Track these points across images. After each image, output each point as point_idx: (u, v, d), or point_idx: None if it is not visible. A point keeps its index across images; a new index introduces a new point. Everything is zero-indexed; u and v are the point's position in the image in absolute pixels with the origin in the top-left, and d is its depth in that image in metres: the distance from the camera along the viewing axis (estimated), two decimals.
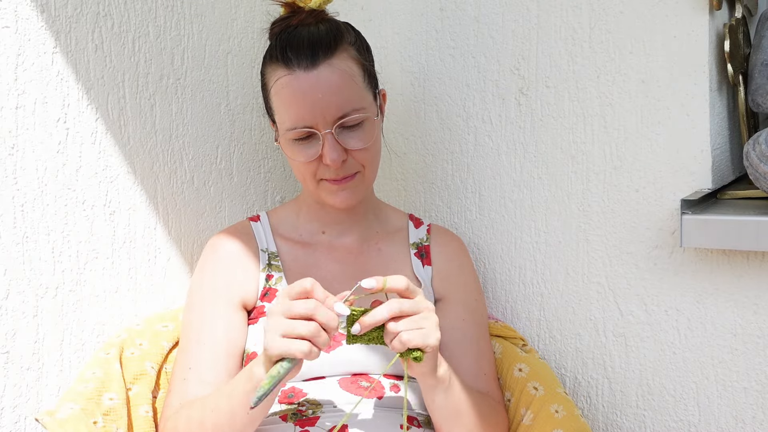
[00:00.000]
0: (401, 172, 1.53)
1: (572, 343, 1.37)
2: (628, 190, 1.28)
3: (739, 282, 1.21)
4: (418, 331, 0.97)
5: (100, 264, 1.23)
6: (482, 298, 1.31)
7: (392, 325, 0.97)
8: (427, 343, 0.97)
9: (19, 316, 1.11)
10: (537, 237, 1.38)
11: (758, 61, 1.24)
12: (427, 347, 0.98)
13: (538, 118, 1.36)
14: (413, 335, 0.96)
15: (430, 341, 0.98)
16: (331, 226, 1.28)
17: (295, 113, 1.14)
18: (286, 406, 1.14)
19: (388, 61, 1.51)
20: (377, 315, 0.97)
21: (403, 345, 0.96)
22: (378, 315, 0.97)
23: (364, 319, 0.97)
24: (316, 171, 1.17)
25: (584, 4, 1.29)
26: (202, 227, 1.41)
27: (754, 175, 1.14)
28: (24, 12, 1.11)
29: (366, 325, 0.97)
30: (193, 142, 1.39)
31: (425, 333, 0.97)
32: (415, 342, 0.96)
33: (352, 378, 1.15)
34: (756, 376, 1.21)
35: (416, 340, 0.96)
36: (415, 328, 0.97)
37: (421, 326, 0.97)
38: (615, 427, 1.34)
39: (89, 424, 1.07)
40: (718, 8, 1.20)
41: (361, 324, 0.97)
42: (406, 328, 0.97)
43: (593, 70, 1.30)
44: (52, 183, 1.16)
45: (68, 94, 1.18)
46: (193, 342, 1.18)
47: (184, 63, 1.37)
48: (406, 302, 0.98)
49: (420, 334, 0.97)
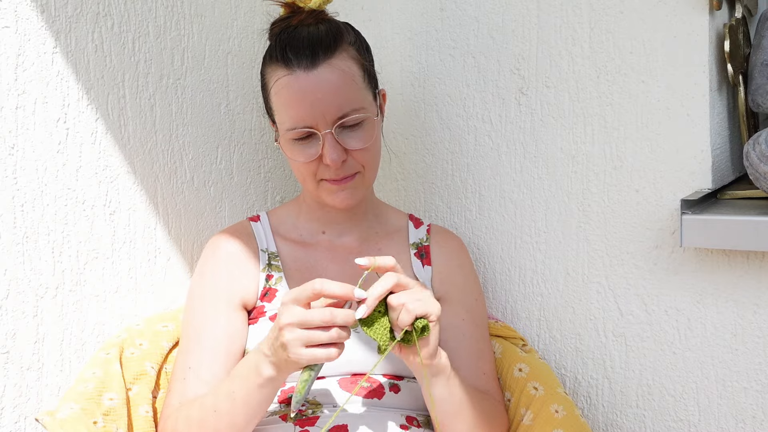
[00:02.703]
0: (401, 172, 1.53)
1: (572, 343, 1.37)
2: (628, 190, 1.28)
3: (739, 282, 1.21)
4: (420, 302, 0.98)
5: (100, 264, 1.23)
6: (482, 298, 1.31)
7: (394, 297, 0.98)
8: (430, 311, 0.98)
9: (19, 316, 1.11)
10: (537, 237, 1.38)
11: (758, 61, 1.24)
12: (431, 315, 0.99)
13: (538, 118, 1.36)
14: (417, 305, 0.97)
15: (433, 309, 0.99)
16: (331, 226, 1.28)
17: (295, 113, 1.14)
18: (286, 405, 1.14)
19: (388, 61, 1.51)
20: (378, 288, 0.98)
21: (410, 314, 0.97)
22: (380, 287, 0.98)
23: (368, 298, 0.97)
24: (316, 171, 1.17)
25: (584, 4, 1.29)
26: (202, 227, 1.41)
27: (754, 175, 1.14)
28: (24, 12, 1.11)
29: (371, 302, 0.97)
30: (193, 142, 1.39)
31: (425, 302, 0.98)
32: (420, 309, 0.97)
33: (352, 378, 1.15)
34: (756, 376, 1.21)
35: (421, 308, 0.97)
36: (416, 299, 0.98)
37: (419, 297, 0.98)
38: (615, 427, 1.34)
39: (89, 424, 1.07)
40: (718, 8, 1.20)
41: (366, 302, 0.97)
42: (408, 298, 0.98)
43: (593, 70, 1.30)
44: (52, 183, 1.16)
45: (68, 94, 1.18)
46: (193, 342, 1.18)
47: (184, 63, 1.37)
48: (402, 276, 0.99)
49: (422, 304, 0.98)
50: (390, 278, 0.98)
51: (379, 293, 0.98)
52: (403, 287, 0.99)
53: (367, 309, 0.97)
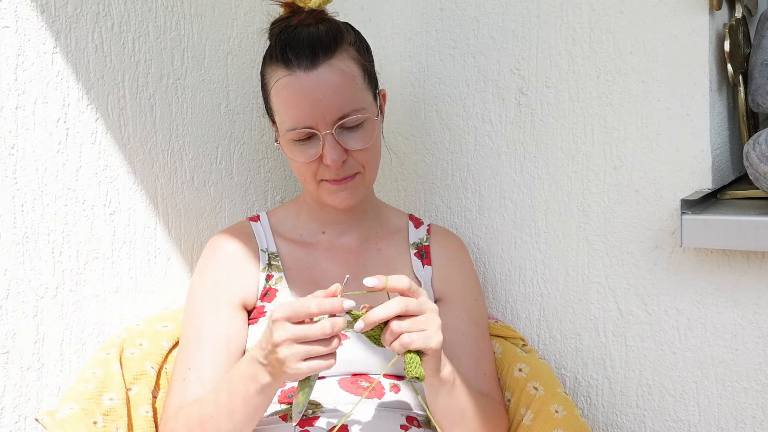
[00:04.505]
0: (401, 172, 1.53)
1: (572, 343, 1.37)
2: (628, 190, 1.28)
3: (739, 282, 1.21)
4: (420, 333, 0.96)
5: (100, 264, 1.23)
6: (482, 298, 1.31)
7: (396, 324, 0.95)
8: (429, 346, 0.96)
9: (19, 316, 1.11)
10: (537, 237, 1.38)
11: (758, 61, 1.25)
12: (428, 350, 0.96)
13: (538, 118, 1.36)
14: (415, 337, 0.95)
15: (432, 344, 0.96)
16: (331, 226, 1.28)
17: (295, 114, 1.14)
18: (286, 405, 1.15)
19: (388, 61, 1.51)
20: (382, 312, 0.95)
21: (403, 347, 0.95)
22: (383, 312, 0.95)
23: (368, 315, 0.95)
24: (317, 171, 1.17)
25: (584, 4, 1.29)
26: (202, 227, 1.41)
27: (754, 175, 1.14)
28: (24, 12, 1.11)
29: (370, 322, 0.95)
30: (193, 142, 1.39)
31: (427, 335, 0.96)
32: (416, 345, 0.95)
33: (352, 378, 1.15)
34: (756, 376, 1.21)
35: (417, 343, 0.95)
36: (418, 330, 0.96)
37: (423, 328, 0.96)
38: (615, 426, 1.34)
39: (89, 424, 1.07)
40: (718, 8, 1.20)
41: (365, 321, 0.95)
42: (409, 328, 0.95)
43: (593, 70, 1.30)
44: (52, 183, 1.16)
45: (68, 94, 1.18)
46: (193, 342, 1.18)
47: (184, 63, 1.37)
48: (413, 301, 0.97)
49: (422, 336, 0.95)
50: (397, 305, 0.95)
51: (381, 319, 0.95)
52: (411, 314, 0.96)
53: (365, 327, 0.95)
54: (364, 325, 0.95)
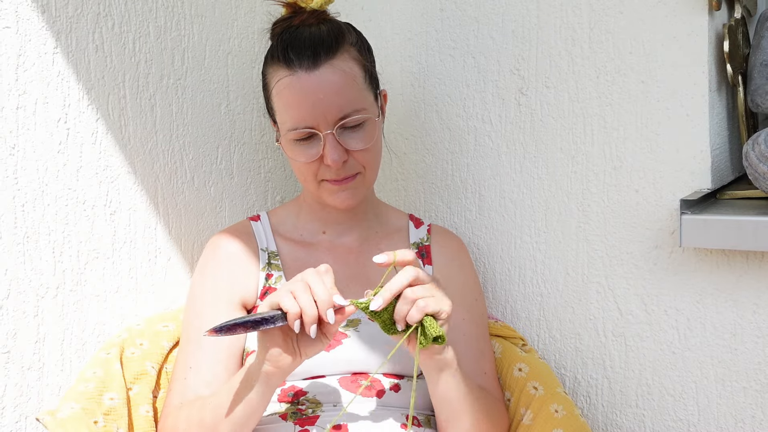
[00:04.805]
0: (401, 172, 1.54)
1: (572, 343, 1.37)
2: (628, 190, 1.28)
3: (739, 282, 1.21)
4: (433, 298, 0.98)
5: (101, 264, 1.23)
6: (482, 298, 1.31)
7: (410, 290, 0.98)
8: (442, 308, 0.99)
9: (19, 316, 1.11)
10: (537, 237, 1.39)
11: (757, 61, 1.25)
12: (442, 312, 0.99)
13: (538, 118, 1.36)
14: (429, 301, 0.98)
15: (445, 306, 0.99)
16: (331, 226, 1.28)
17: (296, 114, 1.14)
18: (286, 405, 1.15)
19: (388, 61, 1.51)
20: (396, 283, 0.98)
21: (420, 312, 0.97)
22: (397, 283, 0.98)
23: (385, 290, 0.98)
24: (317, 171, 1.17)
25: (584, 4, 1.30)
26: (202, 227, 1.41)
27: (753, 175, 1.15)
28: (25, 12, 1.11)
29: (387, 296, 0.97)
30: (194, 142, 1.39)
31: (439, 299, 0.99)
32: (432, 307, 0.98)
33: (353, 377, 1.15)
34: (755, 376, 1.21)
35: (432, 306, 0.98)
36: (430, 295, 0.98)
37: (433, 294, 0.99)
38: (615, 426, 1.34)
39: (90, 423, 1.07)
40: (718, 8, 1.21)
41: (382, 296, 0.97)
42: (423, 294, 0.98)
43: (593, 70, 1.30)
44: (53, 183, 1.16)
45: (69, 94, 1.18)
46: (193, 342, 1.18)
47: (185, 63, 1.37)
48: (421, 270, 1.00)
49: (434, 300, 0.98)
50: (409, 273, 0.99)
51: (397, 288, 0.98)
52: (421, 282, 0.99)
53: (383, 302, 0.97)
54: (382, 301, 0.97)
